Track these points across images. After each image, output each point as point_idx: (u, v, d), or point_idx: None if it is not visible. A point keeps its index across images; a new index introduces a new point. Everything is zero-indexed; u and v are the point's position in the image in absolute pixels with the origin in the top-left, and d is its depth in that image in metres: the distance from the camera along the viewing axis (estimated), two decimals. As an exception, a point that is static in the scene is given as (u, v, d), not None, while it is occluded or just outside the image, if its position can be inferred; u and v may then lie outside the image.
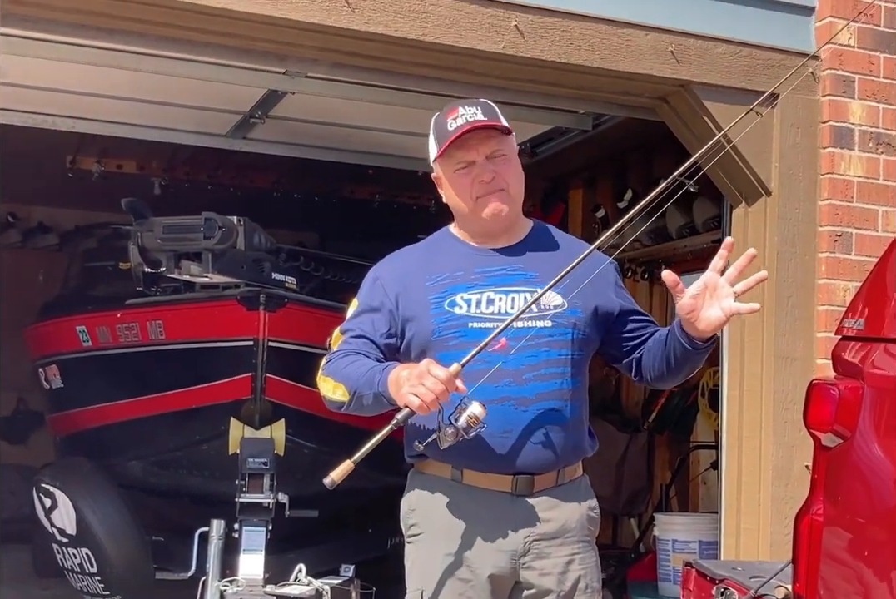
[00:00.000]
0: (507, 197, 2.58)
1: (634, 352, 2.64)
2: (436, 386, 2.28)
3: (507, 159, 2.59)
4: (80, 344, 5.86)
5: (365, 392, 2.44)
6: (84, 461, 5.73)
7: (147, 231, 5.05)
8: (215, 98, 5.13)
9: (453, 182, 2.60)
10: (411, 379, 2.31)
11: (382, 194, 7.52)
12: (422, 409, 2.30)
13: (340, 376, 2.50)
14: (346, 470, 2.37)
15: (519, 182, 2.63)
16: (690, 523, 5.64)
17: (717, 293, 2.40)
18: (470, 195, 2.58)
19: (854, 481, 2.45)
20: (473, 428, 2.35)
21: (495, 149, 2.56)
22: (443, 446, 2.38)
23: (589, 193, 7.17)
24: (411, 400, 2.30)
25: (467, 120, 2.54)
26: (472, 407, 2.35)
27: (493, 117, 2.58)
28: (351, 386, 2.47)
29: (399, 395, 2.34)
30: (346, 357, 2.53)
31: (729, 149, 3.45)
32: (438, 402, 2.31)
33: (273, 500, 4.97)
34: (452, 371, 2.32)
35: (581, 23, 4.09)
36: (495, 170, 2.56)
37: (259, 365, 5.11)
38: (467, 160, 2.56)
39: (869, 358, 2.56)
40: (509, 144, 2.61)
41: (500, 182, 2.57)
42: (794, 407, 4.13)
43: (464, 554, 2.51)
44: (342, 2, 3.79)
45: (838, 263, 4.33)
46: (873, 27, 4.45)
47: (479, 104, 2.60)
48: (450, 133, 2.54)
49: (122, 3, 3.59)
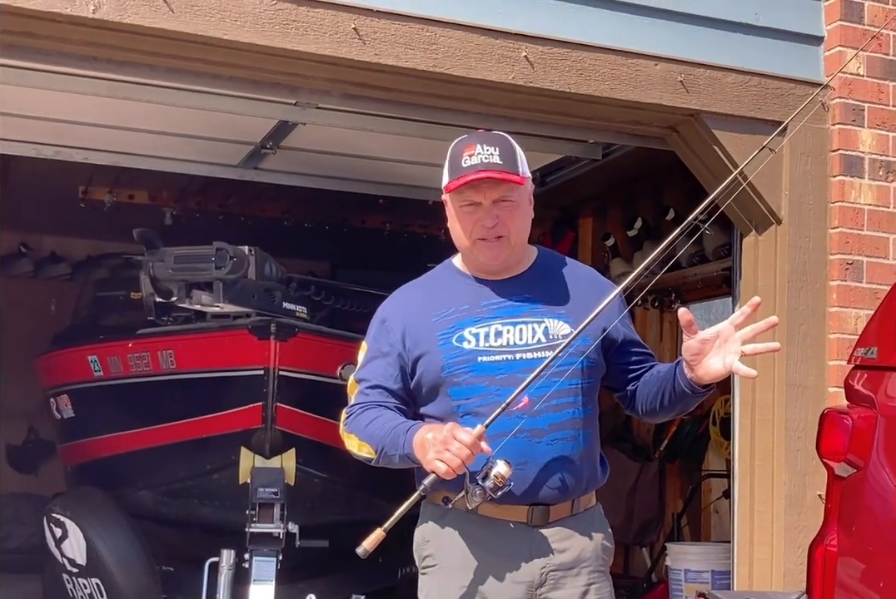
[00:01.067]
0: (506, 244, 2.57)
1: (630, 384, 2.65)
2: (461, 452, 2.30)
3: (513, 206, 2.56)
4: (91, 374, 5.86)
5: (391, 452, 2.47)
6: (95, 490, 5.72)
7: (158, 261, 5.07)
8: (227, 129, 5.17)
9: (458, 217, 2.59)
10: (436, 445, 2.33)
11: (393, 224, 7.55)
12: (448, 475, 2.33)
13: (364, 435, 2.53)
14: (378, 539, 2.41)
15: (523, 226, 2.61)
16: (703, 552, 5.60)
17: (726, 345, 2.42)
18: (470, 234, 2.57)
19: (868, 511, 2.44)
20: (500, 488, 2.37)
21: (503, 196, 2.54)
22: (471, 506, 2.41)
23: (599, 222, 7.18)
24: (438, 467, 2.33)
25: (482, 161, 2.51)
26: (497, 466, 2.37)
27: (510, 161, 2.54)
28: (376, 445, 2.50)
29: (425, 461, 2.37)
30: (367, 411, 2.55)
31: (745, 185, 3.45)
32: (464, 466, 2.33)
33: (283, 530, 4.95)
34: (476, 433, 2.34)
35: (590, 53, 4.11)
36: (499, 215, 2.54)
37: (270, 395, 5.11)
38: (474, 201, 2.54)
39: (882, 387, 2.55)
40: (519, 192, 2.58)
41: (502, 229, 2.55)
42: (805, 435, 4.11)
43: (479, 586, 2.50)
44: (353, 33, 3.82)
45: (849, 291, 4.32)
46: (882, 56, 4.46)
47: (498, 144, 2.56)
48: (462, 170, 2.52)
49: (132, 35, 3.62)
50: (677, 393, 2.50)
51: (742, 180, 3.27)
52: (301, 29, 3.77)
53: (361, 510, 5.31)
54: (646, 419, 2.72)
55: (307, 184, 6.10)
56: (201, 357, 5.32)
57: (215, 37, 3.67)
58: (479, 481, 2.37)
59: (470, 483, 2.38)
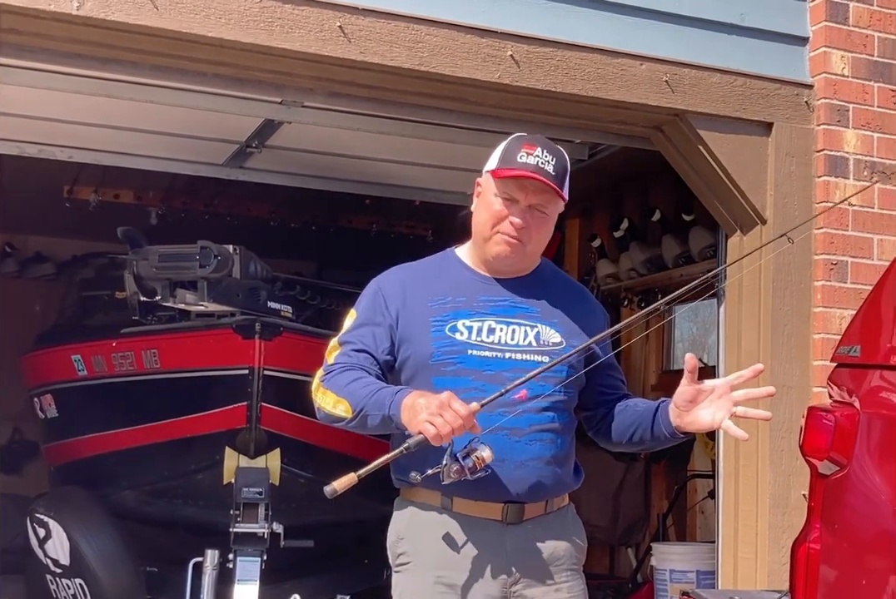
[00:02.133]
0: (522, 250, 2.57)
1: (601, 407, 2.66)
2: (455, 420, 2.27)
3: (545, 218, 2.58)
4: (75, 374, 5.84)
5: (372, 412, 2.41)
6: (78, 490, 5.70)
7: (142, 259, 5.05)
8: (212, 127, 5.15)
9: (490, 202, 2.58)
10: (430, 408, 2.29)
11: (380, 224, 7.53)
12: (436, 439, 2.28)
13: (345, 392, 2.45)
14: (349, 483, 2.33)
15: (542, 242, 2.62)
16: (688, 552, 5.61)
17: (719, 401, 2.45)
18: (493, 223, 2.56)
19: (851, 509, 2.44)
20: (478, 471, 2.36)
21: (541, 204, 2.55)
22: (444, 481, 2.38)
23: (585, 223, 7.19)
24: (427, 428, 2.27)
25: (538, 164, 2.52)
26: (481, 449, 2.36)
27: (560, 177, 2.55)
28: (356, 403, 2.43)
29: (415, 421, 2.31)
30: (349, 371, 2.49)
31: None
32: (452, 437, 2.30)
33: (268, 530, 4.94)
34: (473, 408, 2.31)
35: (576, 52, 4.11)
36: (530, 221, 2.55)
37: (254, 394, 5.09)
38: (514, 197, 2.54)
39: (865, 385, 2.55)
40: (555, 207, 2.60)
41: (525, 234, 2.55)
42: (790, 435, 4.12)
43: (454, 583, 2.48)
44: (338, 31, 3.81)
45: (834, 291, 4.33)
46: (867, 57, 4.47)
47: (558, 156, 2.57)
48: (517, 163, 2.52)
49: (116, 32, 3.61)
50: (653, 434, 2.55)
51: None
52: (286, 27, 3.76)
53: (347, 510, 5.30)
54: (606, 446, 2.73)
55: (293, 183, 6.08)
56: (185, 356, 5.30)
57: (200, 34, 3.66)
58: (459, 458, 2.35)
59: (450, 457, 2.35)
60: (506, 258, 2.57)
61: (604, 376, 2.67)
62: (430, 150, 5.35)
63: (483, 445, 2.36)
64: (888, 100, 4.49)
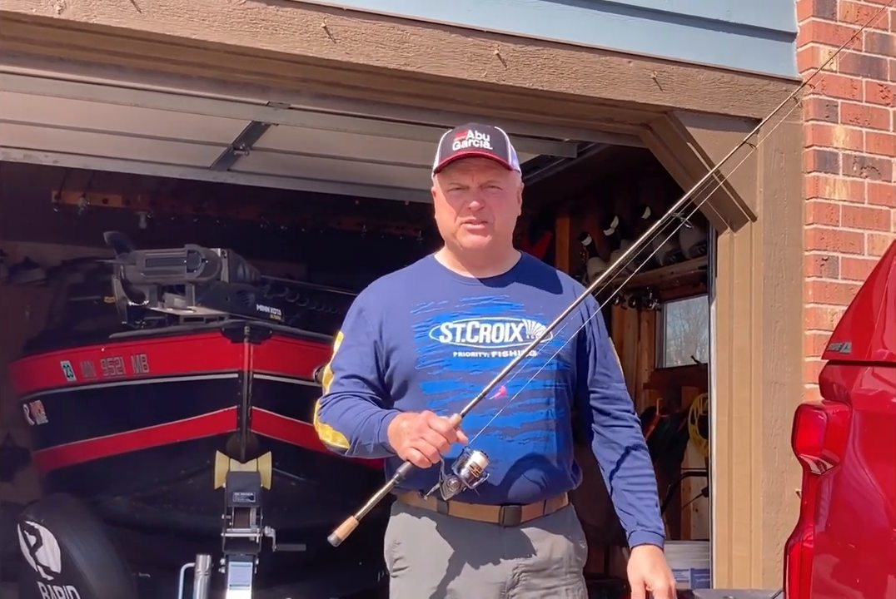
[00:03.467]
0: (491, 230, 2.57)
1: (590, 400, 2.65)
2: (436, 440, 2.29)
3: (500, 193, 2.57)
4: (64, 380, 5.82)
5: (366, 442, 2.45)
6: (69, 497, 5.67)
7: (130, 264, 5.03)
8: (199, 130, 5.13)
9: (445, 200, 2.59)
10: (412, 433, 2.31)
11: (369, 225, 7.51)
12: (423, 463, 2.31)
13: (339, 425, 2.50)
14: (350, 527, 2.39)
15: (507, 217, 2.61)
16: (682, 551, 5.58)
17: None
18: (455, 217, 2.57)
19: (844, 506, 2.42)
20: (476, 479, 2.35)
21: (491, 180, 2.55)
22: (446, 497, 2.39)
23: (576, 221, 7.18)
24: (413, 455, 2.31)
25: (472, 145, 2.53)
26: (473, 456, 2.35)
27: (500, 149, 2.56)
28: (350, 435, 2.48)
29: (400, 449, 2.35)
30: (341, 401, 2.53)
31: (721, 184, 3.46)
32: (439, 455, 2.31)
33: (260, 534, 4.92)
34: (452, 422, 2.32)
35: (563, 51, 4.10)
36: (486, 200, 2.55)
37: (244, 398, 5.07)
38: (462, 184, 2.55)
39: (857, 382, 2.53)
40: (508, 179, 2.59)
41: (487, 214, 2.55)
42: (783, 432, 4.10)
43: (451, 588, 2.47)
44: (323, 32, 3.79)
45: (825, 287, 4.31)
46: (855, 52, 4.46)
47: (491, 132, 2.59)
48: (451, 152, 2.54)
49: (99, 35, 3.58)
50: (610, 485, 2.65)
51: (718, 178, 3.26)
52: (270, 28, 3.74)
53: (339, 513, 5.27)
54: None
55: (281, 185, 6.06)
56: (175, 360, 5.28)
57: (183, 36, 3.64)
58: (454, 471, 2.35)
59: (445, 473, 2.35)
60: (478, 244, 2.57)
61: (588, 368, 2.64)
62: (418, 151, 5.32)
63: (474, 452, 2.35)
64: (876, 95, 4.48)
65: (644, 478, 2.63)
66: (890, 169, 4.46)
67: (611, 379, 2.67)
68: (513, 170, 2.60)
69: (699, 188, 2.74)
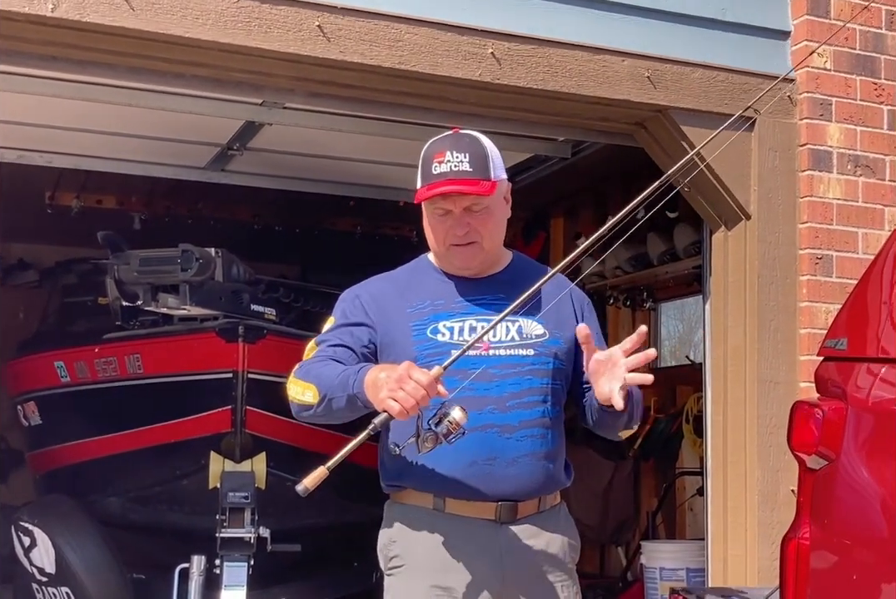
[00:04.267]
0: (479, 249, 2.56)
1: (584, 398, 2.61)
2: (416, 392, 2.21)
3: (485, 212, 2.55)
4: (58, 380, 5.80)
5: (337, 394, 2.35)
6: (63, 498, 5.66)
7: (123, 264, 5.02)
8: (193, 130, 5.11)
9: (430, 222, 2.58)
10: (390, 383, 2.23)
11: (364, 225, 7.51)
12: (401, 415, 2.23)
13: (312, 377, 2.41)
14: (320, 477, 2.29)
15: (497, 232, 2.60)
16: (677, 550, 5.60)
17: (614, 369, 2.36)
18: (443, 240, 2.56)
19: (840, 503, 2.42)
20: (454, 434, 2.29)
21: (474, 203, 2.53)
22: (421, 451, 2.32)
23: (570, 222, 7.18)
24: (391, 406, 2.22)
25: (451, 168, 2.49)
26: (453, 411, 2.28)
27: (481, 168, 2.51)
28: (323, 386, 2.38)
29: (377, 399, 2.26)
30: (321, 361, 2.46)
31: (703, 167, 3.48)
32: (418, 408, 2.24)
33: (254, 535, 4.91)
34: (434, 374, 2.26)
35: (558, 49, 4.10)
36: (471, 223, 2.53)
37: (239, 398, 5.06)
38: (445, 208, 2.53)
39: (852, 379, 2.53)
40: (490, 198, 2.55)
41: (474, 235, 2.54)
42: (778, 431, 4.10)
43: (448, 585, 2.46)
44: (317, 31, 3.78)
45: (819, 286, 4.32)
46: (849, 50, 4.46)
47: (468, 150, 2.53)
48: (432, 177, 2.50)
49: (92, 34, 3.57)
50: (594, 410, 2.51)
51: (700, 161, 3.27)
52: (264, 27, 3.73)
53: (334, 513, 5.26)
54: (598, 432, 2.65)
55: (275, 185, 6.05)
56: (169, 361, 5.27)
57: (177, 35, 3.63)
58: (431, 426, 2.29)
59: (423, 428, 2.29)
60: (468, 263, 2.57)
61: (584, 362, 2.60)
62: (412, 150, 5.27)
63: (454, 407, 2.28)
64: (871, 93, 4.48)
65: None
66: (884, 167, 4.47)
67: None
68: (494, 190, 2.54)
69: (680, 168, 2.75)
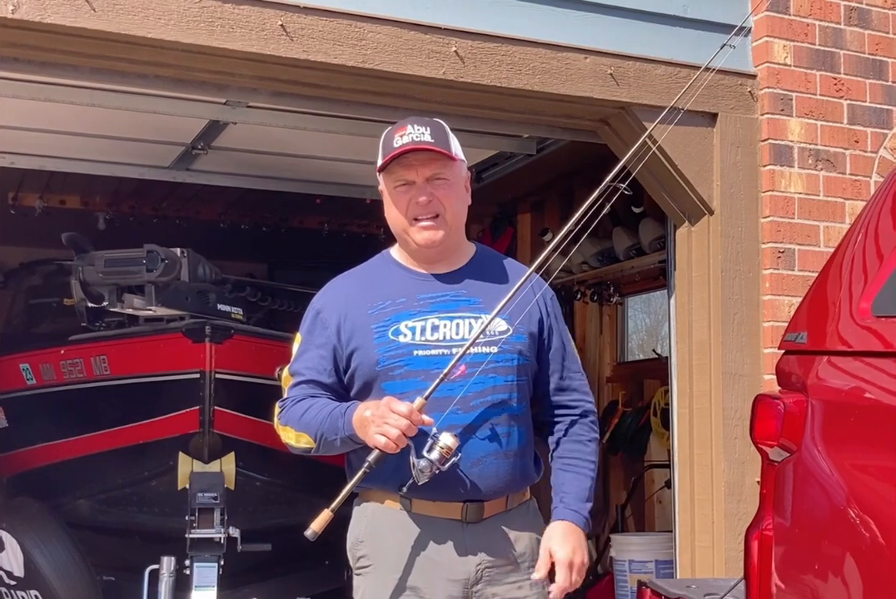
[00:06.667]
0: (443, 223, 2.55)
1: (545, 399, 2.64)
2: (399, 423, 2.30)
3: (447, 184, 2.56)
4: (24, 383, 5.76)
5: (331, 437, 2.45)
6: (31, 501, 5.62)
7: (88, 265, 5.00)
8: (157, 130, 5.10)
9: (392, 198, 2.58)
10: (375, 420, 2.32)
11: (331, 223, 7.51)
12: (389, 447, 2.32)
13: (300, 425, 2.51)
14: (326, 520, 2.39)
15: (458, 207, 2.60)
16: (646, 543, 5.63)
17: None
18: (405, 214, 2.56)
19: (802, 494, 2.45)
20: (448, 459, 2.36)
21: (436, 173, 2.54)
22: (420, 482, 2.38)
23: (537, 217, 7.20)
24: (378, 440, 2.32)
25: (412, 139, 2.52)
26: (443, 438, 2.36)
27: (442, 140, 2.55)
28: (314, 433, 2.48)
29: (367, 437, 2.36)
30: (298, 403, 2.54)
31: (655, 149, 3.52)
32: (406, 438, 2.31)
33: (224, 535, 4.90)
34: (415, 405, 2.33)
35: (521, 47, 4.11)
36: (433, 192, 2.53)
37: (206, 398, 5.05)
38: (407, 179, 2.54)
39: (813, 371, 2.55)
40: (454, 169, 2.58)
41: (437, 206, 2.54)
42: (742, 423, 4.14)
43: (415, 585, 2.47)
44: (280, 30, 3.78)
45: (782, 279, 4.36)
46: (809, 46, 4.51)
47: (430, 124, 2.57)
48: (393, 149, 2.52)
49: (54, 35, 3.55)
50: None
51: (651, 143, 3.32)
52: (227, 26, 3.73)
53: (304, 512, 5.25)
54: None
55: (241, 184, 6.04)
56: (135, 362, 5.25)
57: (139, 35, 3.62)
58: (425, 455, 2.36)
59: (417, 458, 2.36)
60: (431, 240, 2.55)
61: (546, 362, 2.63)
62: (378, 148, 5.33)
63: (443, 434, 2.36)
64: (830, 88, 4.52)
65: (583, 463, 2.59)
66: (844, 161, 4.51)
67: (568, 370, 2.67)
68: (457, 159, 2.59)
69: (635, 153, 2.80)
